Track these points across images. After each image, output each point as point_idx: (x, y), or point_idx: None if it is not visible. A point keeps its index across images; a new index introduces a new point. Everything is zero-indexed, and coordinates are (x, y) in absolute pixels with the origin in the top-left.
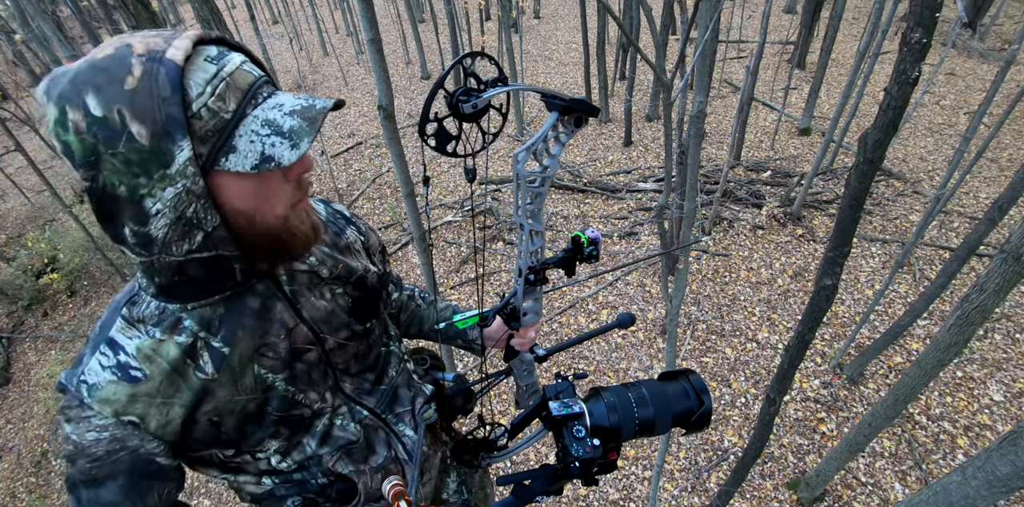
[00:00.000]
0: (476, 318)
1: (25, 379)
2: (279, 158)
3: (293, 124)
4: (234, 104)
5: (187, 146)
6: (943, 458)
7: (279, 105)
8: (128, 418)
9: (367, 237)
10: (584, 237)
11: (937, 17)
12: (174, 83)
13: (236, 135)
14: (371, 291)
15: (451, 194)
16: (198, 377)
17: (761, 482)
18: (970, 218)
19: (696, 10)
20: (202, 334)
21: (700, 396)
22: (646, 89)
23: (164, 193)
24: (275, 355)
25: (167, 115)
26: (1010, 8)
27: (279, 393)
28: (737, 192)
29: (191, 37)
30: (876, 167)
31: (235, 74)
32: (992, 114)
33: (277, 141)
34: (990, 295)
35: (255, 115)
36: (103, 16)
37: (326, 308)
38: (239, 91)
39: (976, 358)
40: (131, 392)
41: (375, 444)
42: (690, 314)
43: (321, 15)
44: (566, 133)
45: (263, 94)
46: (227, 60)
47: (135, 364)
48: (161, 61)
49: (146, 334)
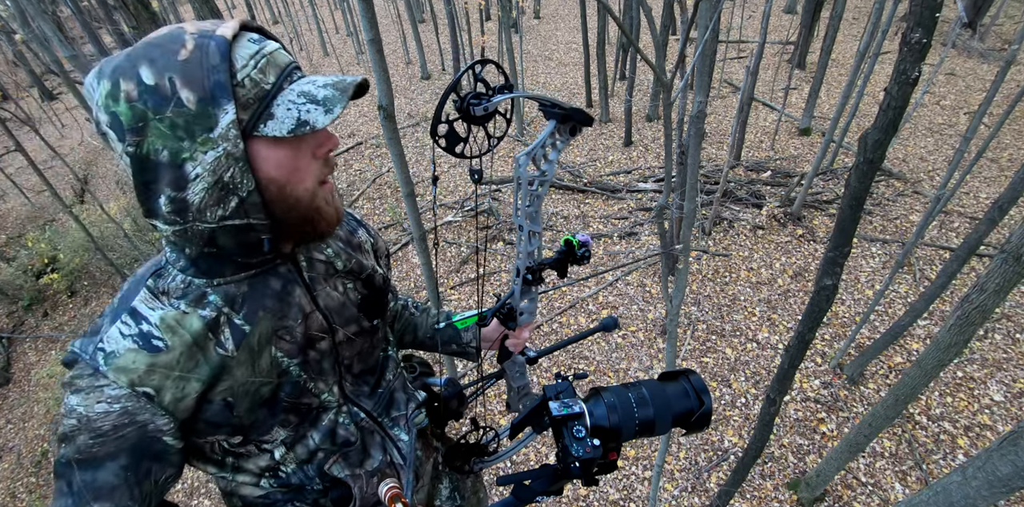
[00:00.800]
0: (475, 318)
1: (25, 379)
2: (314, 122)
3: (327, 93)
4: (273, 77)
5: (231, 110)
6: (943, 458)
7: (313, 81)
8: (143, 389)
9: (375, 240)
10: (575, 240)
11: (937, 17)
12: (223, 54)
13: (275, 104)
14: (378, 290)
15: (451, 194)
16: (218, 353)
17: (761, 482)
18: (970, 218)
19: (696, 10)
20: (226, 309)
21: (700, 396)
22: (646, 89)
23: (205, 156)
24: (291, 339)
25: (215, 82)
26: (1010, 8)
27: (292, 378)
28: (737, 192)
29: (235, 22)
30: (876, 167)
31: (275, 54)
32: (992, 114)
33: (312, 108)
34: (990, 295)
35: (292, 88)
36: (103, 16)
37: (339, 299)
38: (278, 67)
39: (976, 358)
40: (151, 362)
41: (371, 447)
42: (690, 314)
43: (321, 15)
44: (562, 140)
45: (296, 74)
46: (266, 43)
47: (158, 334)
48: (212, 37)
49: (170, 306)
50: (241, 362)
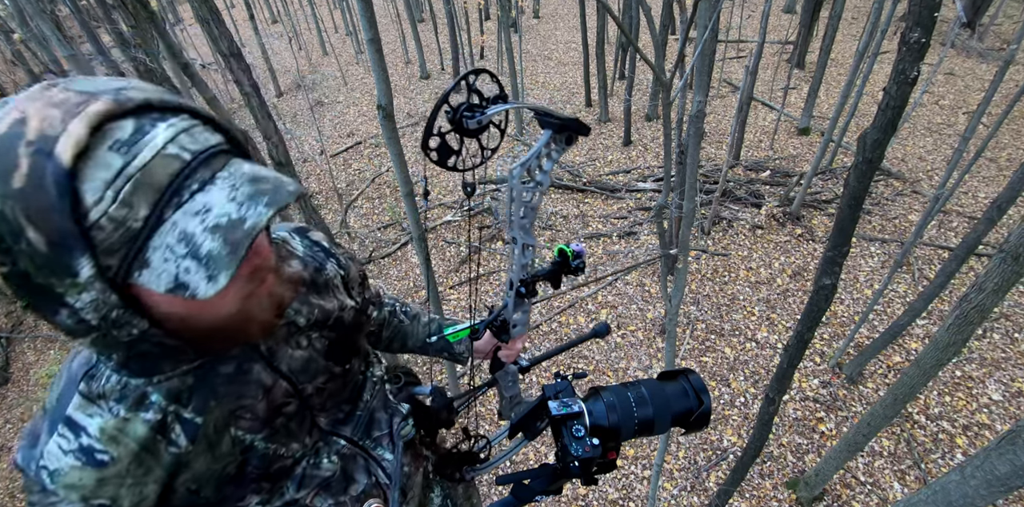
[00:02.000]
0: (467, 331)
1: (24, 379)
2: (194, 289)
3: (212, 248)
4: (145, 209)
5: (87, 263)
6: (942, 457)
7: (205, 210)
8: (99, 501)
9: (347, 270)
10: (569, 250)
11: (936, 17)
12: (61, 188)
13: (150, 247)
14: (348, 329)
15: (450, 194)
16: (170, 452)
17: (760, 481)
18: (969, 218)
19: (695, 10)
20: (172, 408)
21: (699, 395)
22: (645, 89)
23: (81, 296)
24: (253, 416)
25: (58, 228)
26: (1009, 8)
27: (259, 452)
28: (736, 192)
29: (93, 116)
30: (875, 167)
31: (150, 167)
32: (991, 114)
33: (193, 267)
34: (989, 295)
35: (175, 221)
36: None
37: (303, 357)
38: (153, 191)
39: (975, 357)
40: (99, 477)
41: (354, 473)
42: (689, 314)
43: (320, 14)
44: (557, 150)
45: (191, 187)
46: (144, 144)
47: (99, 447)
48: (50, 157)
49: (109, 412)
50: (198, 453)
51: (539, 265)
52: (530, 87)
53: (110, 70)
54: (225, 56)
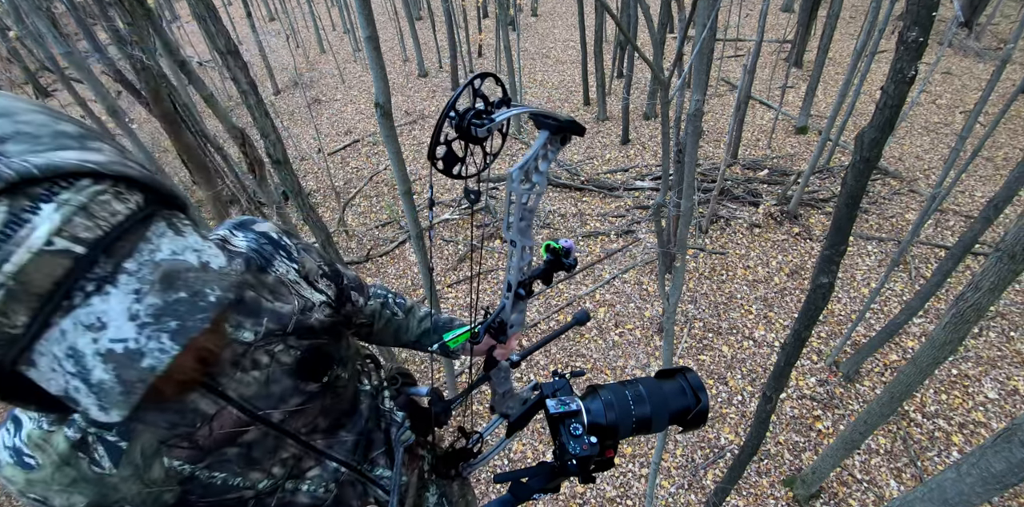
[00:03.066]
0: (467, 335)
1: None
2: (86, 409)
3: (103, 380)
4: (25, 317)
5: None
6: (938, 455)
7: (98, 326)
8: (32, 495)
9: (301, 262)
10: (558, 247)
11: (934, 16)
12: None
13: (36, 351)
14: (322, 333)
15: (448, 192)
16: (94, 471)
17: (757, 479)
18: (966, 216)
19: (694, 8)
20: (92, 430)
21: (697, 394)
22: (643, 87)
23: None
24: (191, 445)
25: None
26: (1006, 7)
27: (201, 482)
28: (734, 190)
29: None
30: (872, 166)
31: (27, 271)
32: (988, 113)
33: (83, 389)
34: (985, 293)
35: (64, 330)
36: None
37: (263, 377)
38: (34, 298)
39: (971, 356)
40: (27, 477)
41: (347, 499)
42: (687, 312)
43: (318, 12)
44: (553, 151)
45: (85, 288)
46: (19, 241)
47: (28, 451)
48: None
49: (36, 422)
50: (125, 478)
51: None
52: (528, 85)
53: (107, 68)
54: (222, 53)
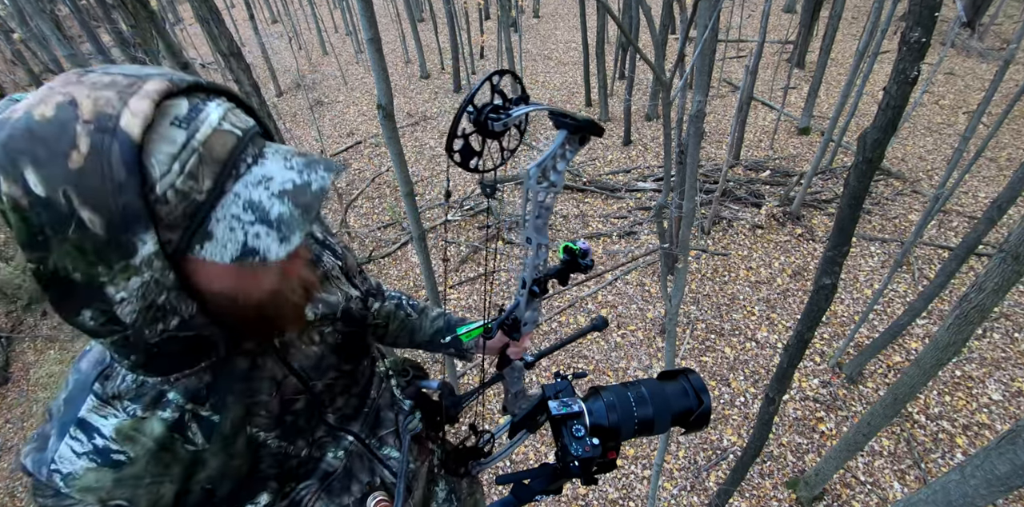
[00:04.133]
0: (479, 330)
1: (24, 378)
2: (265, 252)
3: (283, 211)
4: (210, 181)
5: (151, 239)
6: (942, 457)
7: (266, 179)
8: (115, 502)
9: (344, 259)
10: (576, 248)
11: (936, 16)
12: (130, 164)
13: (213, 218)
14: (359, 322)
15: (451, 193)
16: (187, 450)
17: (760, 481)
18: (969, 217)
19: (695, 9)
20: (189, 407)
21: (699, 395)
22: (645, 88)
23: (128, 283)
24: (267, 413)
25: (123, 204)
26: (1009, 7)
27: (271, 450)
28: (736, 191)
29: (153, 94)
30: (875, 166)
31: (211, 140)
32: (991, 113)
33: (263, 231)
34: (989, 294)
35: (236, 193)
36: (102, 15)
37: (315, 353)
38: (216, 163)
39: (975, 357)
40: (116, 477)
41: (357, 472)
42: (689, 313)
43: (320, 14)
44: (571, 151)
45: (247, 160)
46: (201, 119)
47: (115, 447)
48: (115, 133)
49: (124, 412)
50: (215, 452)
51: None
52: (530, 87)
53: None
54: (225, 56)
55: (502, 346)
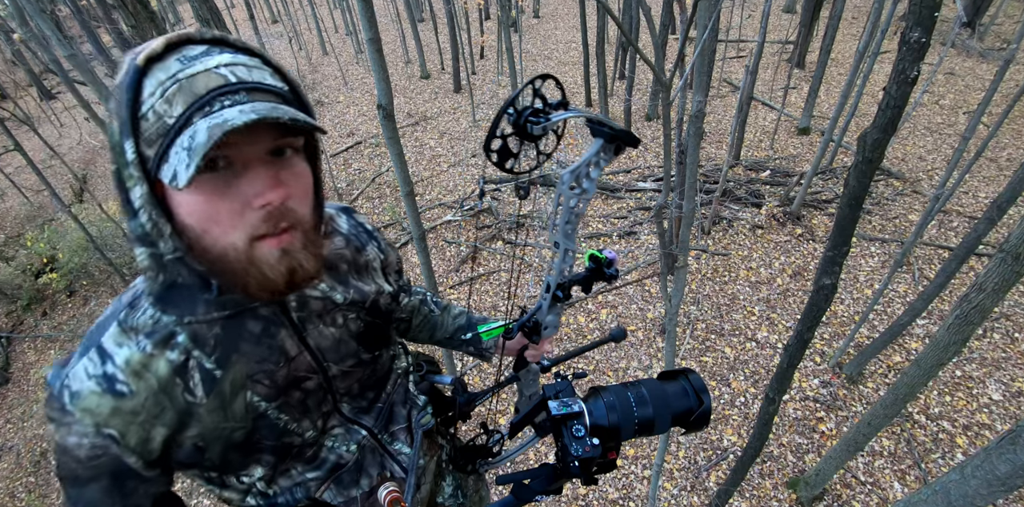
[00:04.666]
0: (500, 330)
1: (24, 379)
2: (178, 178)
3: (200, 140)
4: (180, 108)
5: (130, 147)
6: (942, 457)
7: (220, 117)
8: (108, 431)
9: (387, 254)
10: (602, 256)
11: (936, 16)
12: (130, 82)
13: (175, 143)
14: (384, 315)
15: (450, 194)
16: (185, 399)
17: (760, 481)
18: (969, 217)
19: (695, 9)
20: (195, 353)
21: (699, 395)
22: (645, 88)
23: (135, 190)
24: (271, 383)
25: (121, 114)
26: (1009, 7)
27: (270, 421)
28: (736, 191)
29: (172, 37)
30: (875, 166)
31: (196, 77)
32: (991, 113)
33: (183, 157)
34: (989, 294)
35: (197, 125)
36: (102, 15)
37: (335, 336)
38: (190, 94)
39: (975, 357)
40: (114, 406)
41: (367, 466)
42: (689, 313)
43: (320, 14)
44: (605, 159)
45: (224, 102)
46: (201, 61)
47: (122, 377)
48: (134, 59)
49: (137, 346)
50: (211, 409)
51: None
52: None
53: (110, 70)
54: None
55: (520, 348)
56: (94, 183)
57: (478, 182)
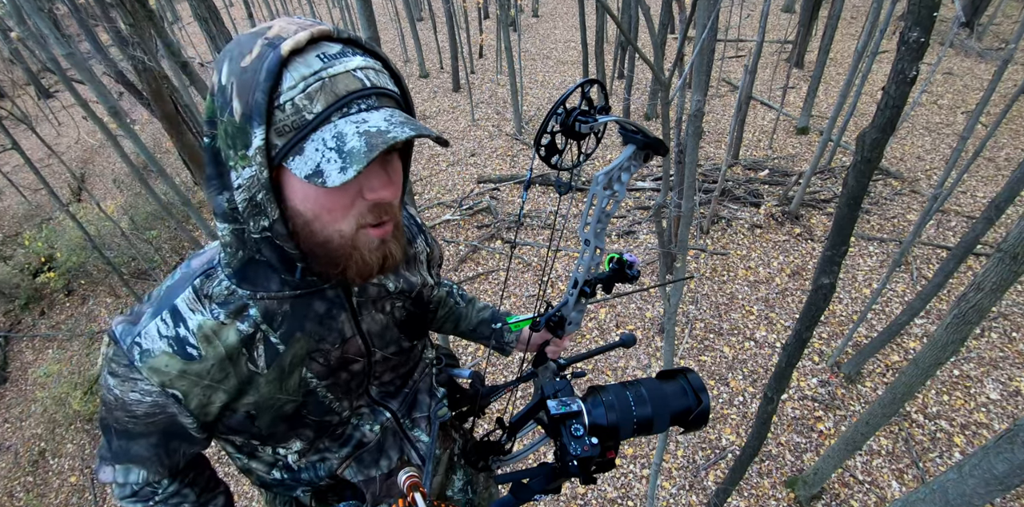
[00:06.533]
0: (527, 322)
1: (22, 378)
2: (326, 177)
3: (355, 146)
4: (321, 105)
5: (260, 134)
6: (940, 456)
7: (363, 121)
8: (172, 391)
9: (432, 248)
10: (625, 259)
11: (935, 16)
12: (271, 71)
13: (310, 138)
14: (424, 305)
15: (449, 193)
16: (248, 369)
17: (759, 480)
18: (967, 217)
19: (694, 9)
20: (264, 327)
21: (698, 394)
22: (644, 88)
23: (243, 171)
24: (325, 361)
25: (255, 100)
26: (1008, 7)
27: (318, 398)
28: (735, 191)
29: (316, 31)
30: (874, 166)
31: (338, 77)
32: (989, 113)
33: (334, 158)
34: (987, 294)
35: (336, 123)
36: (100, 14)
37: (383, 322)
38: (332, 95)
39: (973, 357)
40: (182, 368)
41: (388, 448)
42: (688, 313)
43: (319, 13)
44: (635, 165)
45: (360, 105)
46: (341, 62)
47: (193, 341)
48: (275, 48)
49: (210, 313)
50: (270, 380)
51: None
52: (529, 86)
53: (108, 69)
54: None
55: (542, 342)
56: (92, 182)
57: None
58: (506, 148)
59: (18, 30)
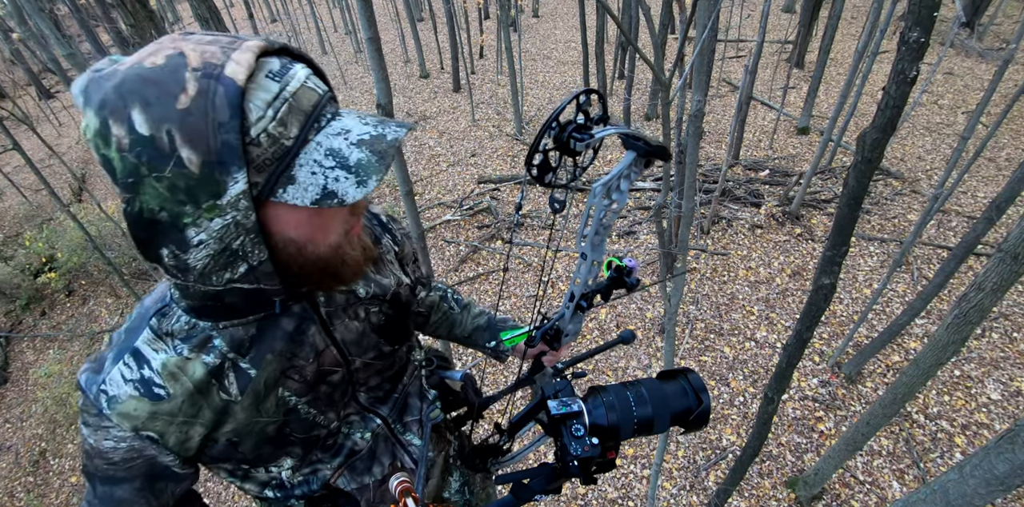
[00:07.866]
0: (523, 337)
1: (23, 378)
2: (343, 195)
3: (361, 157)
4: (296, 129)
5: (242, 178)
6: (941, 457)
7: (344, 131)
8: (147, 433)
9: (402, 246)
10: (623, 266)
11: (935, 16)
12: (233, 106)
13: (296, 164)
14: (404, 307)
15: (449, 193)
16: (221, 398)
17: (759, 481)
18: (968, 217)
19: (694, 9)
20: (231, 355)
21: (699, 395)
22: (645, 88)
23: (211, 224)
24: (301, 378)
25: (222, 142)
26: (1008, 7)
27: (300, 415)
28: (736, 191)
29: (253, 49)
30: (874, 166)
31: (299, 93)
32: (990, 113)
33: (342, 175)
34: (988, 294)
35: (318, 141)
36: (101, 14)
37: (358, 329)
38: (302, 114)
39: (974, 357)
40: (152, 410)
41: (380, 454)
42: (688, 313)
43: (319, 14)
44: (636, 172)
45: (326, 116)
46: (290, 76)
47: (159, 381)
48: (219, 79)
49: (173, 350)
50: (246, 406)
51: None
52: (530, 86)
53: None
54: None
55: (538, 353)
56: (93, 182)
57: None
58: (506, 148)
59: (19, 31)
